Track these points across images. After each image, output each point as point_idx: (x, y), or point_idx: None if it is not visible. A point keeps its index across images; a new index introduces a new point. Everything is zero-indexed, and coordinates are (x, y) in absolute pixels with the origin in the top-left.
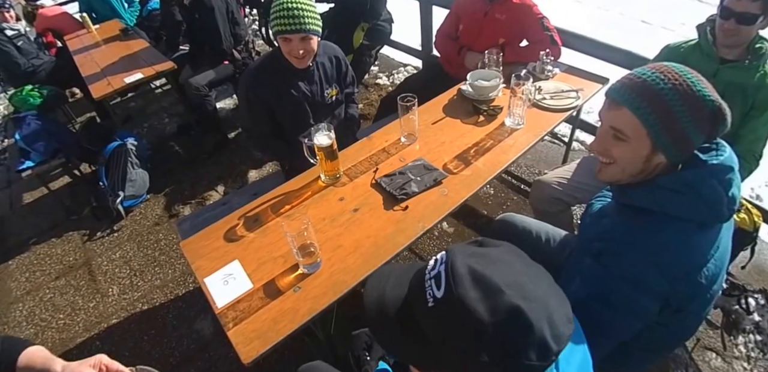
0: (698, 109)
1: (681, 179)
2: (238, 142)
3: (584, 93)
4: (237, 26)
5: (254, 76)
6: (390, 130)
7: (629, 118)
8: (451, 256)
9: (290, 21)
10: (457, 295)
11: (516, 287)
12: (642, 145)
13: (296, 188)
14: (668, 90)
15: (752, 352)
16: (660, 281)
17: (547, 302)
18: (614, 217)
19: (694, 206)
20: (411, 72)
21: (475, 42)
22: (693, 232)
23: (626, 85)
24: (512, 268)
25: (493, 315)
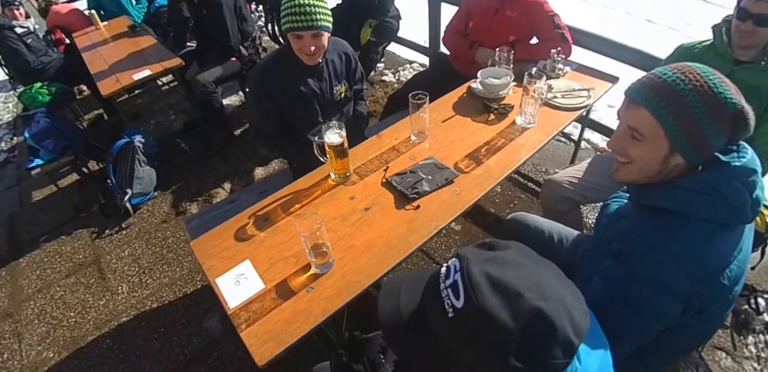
0: (719, 112)
1: (704, 181)
2: (245, 139)
3: (595, 92)
4: (245, 22)
5: (263, 74)
6: (400, 128)
7: (647, 118)
8: (465, 264)
9: (302, 18)
10: (478, 305)
11: (534, 289)
12: (660, 145)
13: (306, 187)
14: (688, 91)
15: (762, 353)
16: (683, 283)
17: (563, 299)
18: (633, 218)
19: (717, 208)
20: (417, 69)
21: (485, 39)
22: (715, 233)
23: (646, 84)
24: (525, 269)
25: (517, 320)
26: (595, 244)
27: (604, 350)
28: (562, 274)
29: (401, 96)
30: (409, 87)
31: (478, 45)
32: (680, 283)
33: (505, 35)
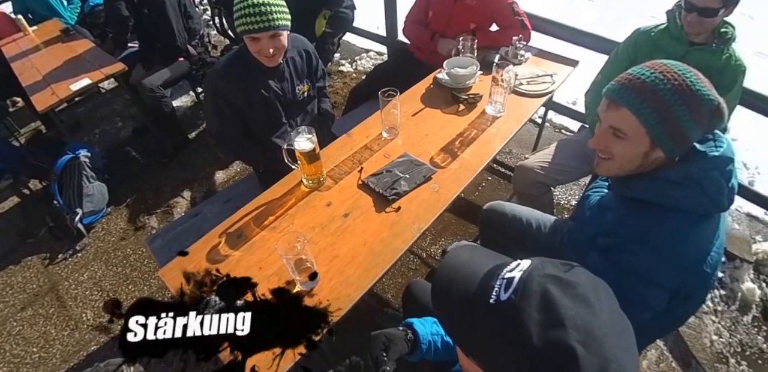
0: (697, 108)
1: (685, 172)
2: (200, 142)
3: (558, 77)
4: (191, 20)
5: (220, 77)
6: (370, 124)
7: (629, 118)
8: (532, 270)
9: (258, 19)
10: (518, 306)
11: (581, 330)
12: (641, 142)
13: (278, 196)
14: (668, 90)
15: (718, 306)
16: (671, 274)
17: (608, 359)
18: (617, 211)
19: (697, 198)
20: (375, 58)
21: (446, 28)
22: (696, 223)
23: (626, 85)
24: (589, 310)
25: (544, 344)
26: (580, 236)
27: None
28: (633, 343)
29: (364, 89)
30: (371, 79)
31: (440, 36)
32: (668, 275)
33: (466, 23)
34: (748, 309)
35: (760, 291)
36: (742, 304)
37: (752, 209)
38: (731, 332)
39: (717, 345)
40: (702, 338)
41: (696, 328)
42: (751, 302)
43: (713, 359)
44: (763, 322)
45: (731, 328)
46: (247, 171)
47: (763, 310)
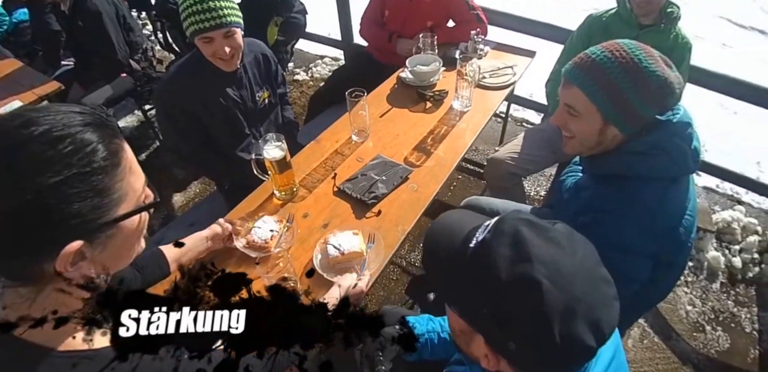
0: (644, 84)
1: (648, 142)
2: (152, 164)
3: (518, 68)
4: (131, 32)
5: (173, 86)
6: (338, 129)
7: (579, 95)
8: (507, 214)
9: (208, 16)
10: (489, 244)
11: (551, 269)
12: (594, 119)
13: (249, 211)
14: (615, 68)
15: (688, 278)
16: (648, 242)
17: (576, 299)
18: (592, 189)
19: (664, 165)
20: (330, 64)
21: (403, 27)
22: (666, 189)
23: (577, 64)
24: (560, 250)
25: (510, 278)
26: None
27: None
28: (608, 289)
29: (324, 95)
30: (331, 84)
31: (398, 36)
32: (646, 243)
33: (423, 21)
34: (715, 277)
35: (724, 258)
36: (709, 272)
37: (707, 182)
38: (703, 301)
39: (692, 315)
40: (678, 310)
41: (671, 302)
42: (717, 270)
43: (691, 329)
44: (731, 287)
45: (703, 296)
46: (207, 191)
47: (729, 276)
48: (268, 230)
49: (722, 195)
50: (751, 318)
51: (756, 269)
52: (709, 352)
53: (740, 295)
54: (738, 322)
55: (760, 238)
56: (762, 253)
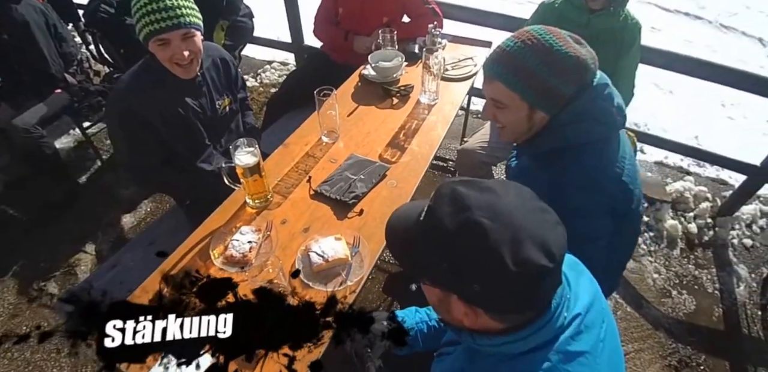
0: (560, 65)
1: (573, 111)
2: (95, 185)
3: (478, 59)
4: (64, 43)
5: (128, 96)
6: (306, 131)
7: (502, 88)
8: (444, 182)
9: (164, 15)
10: (433, 208)
11: (485, 209)
12: (519, 108)
13: (222, 223)
14: (528, 55)
15: (651, 247)
16: (602, 199)
17: (520, 227)
18: (535, 169)
19: (594, 128)
20: (279, 68)
21: (358, 25)
22: (602, 148)
23: (494, 59)
24: (494, 195)
25: (455, 226)
26: None
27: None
28: (552, 219)
29: (282, 99)
30: (288, 88)
31: (353, 34)
32: (600, 202)
33: (378, 18)
34: (675, 244)
35: (680, 225)
36: (669, 240)
37: (656, 156)
38: (667, 267)
39: (659, 282)
40: (645, 279)
41: (638, 272)
42: (675, 237)
43: (659, 295)
44: (690, 252)
45: (666, 263)
46: (160, 209)
47: (687, 242)
48: (246, 242)
49: (672, 167)
50: (711, 279)
51: (710, 233)
52: (677, 315)
53: (699, 258)
54: (700, 284)
55: (710, 204)
56: (714, 217)
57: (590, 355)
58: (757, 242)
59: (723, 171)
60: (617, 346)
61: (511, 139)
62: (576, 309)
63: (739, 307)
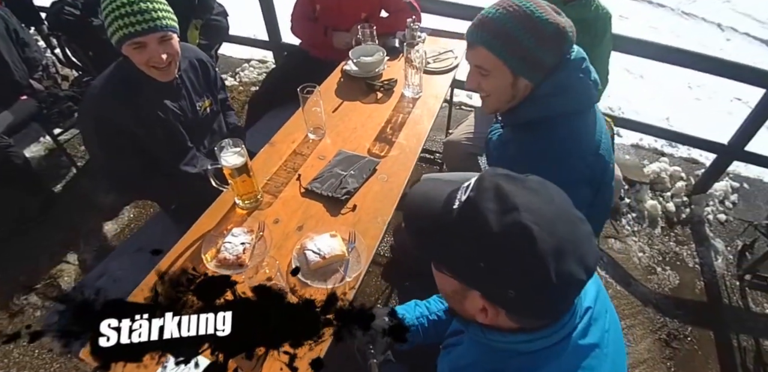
0: (541, 32)
1: (553, 83)
2: (71, 193)
3: (458, 51)
4: (27, 48)
5: (103, 100)
6: (291, 129)
7: (486, 54)
8: (485, 171)
9: (139, 18)
10: (475, 201)
11: (536, 214)
12: (503, 74)
13: (212, 226)
14: (510, 21)
15: (634, 228)
16: (582, 169)
17: (561, 238)
18: (516, 140)
19: (573, 99)
20: (257, 67)
21: (337, 21)
22: (580, 120)
23: (477, 26)
24: (538, 197)
25: (502, 228)
26: None
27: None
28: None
29: (263, 97)
30: (268, 86)
31: (332, 30)
32: (581, 171)
33: (357, 13)
34: (656, 223)
35: (660, 205)
36: (650, 219)
37: (632, 139)
38: (650, 246)
39: (644, 260)
40: (631, 258)
41: (624, 252)
42: (656, 216)
43: (645, 273)
44: (670, 230)
45: (649, 242)
46: (144, 215)
47: (667, 220)
48: (239, 244)
49: (647, 149)
50: (691, 254)
51: (687, 210)
52: (663, 290)
53: (679, 235)
54: (682, 260)
55: (685, 183)
56: (689, 195)
57: (598, 348)
58: (731, 217)
59: (694, 150)
60: (619, 334)
61: (494, 110)
62: (586, 302)
63: (718, 279)
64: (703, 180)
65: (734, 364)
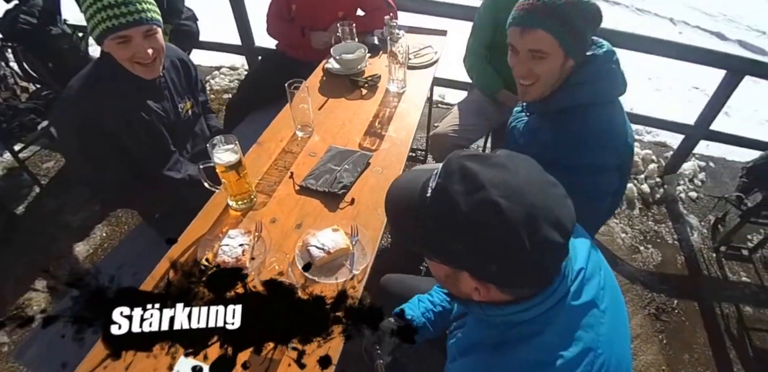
0: (587, 13)
1: (588, 72)
2: (36, 215)
3: (436, 47)
4: None
5: (82, 106)
6: (278, 127)
7: (544, 36)
8: (450, 155)
9: (124, 10)
10: (443, 186)
11: (501, 187)
12: (557, 56)
13: (205, 231)
14: (563, 4)
15: (615, 210)
16: (613, 157)
17: (532, 205)
18: (546, 127)
19: (605, 89)
20: (229, 74)
21: (314, 20)
22: (610, 108)
23: (531, 10)
24: (506, 171)
25: (470, 207)
26: None
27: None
28: (559, 192)
29: (240, 102)
30: (247, 89)
31: (309, 30)
32: (612, 158)
33: (334, 12)
34: (633, 204)
35: (635, 187)
36: (628, 202)
37: None
38: (631, 227)
39: (627, 240)
40: (615, 239)
41: (608, 234)
42: (633, 198)
43: (629, 252)
44: (647, 210)
45: (630, 223)
46: (117, 232)
47: (643, 201)
48: (237, 245)
49: None
50: (669, 231)
51: (660, 191)
52: (648, 268)
53: (656, 214)
54: (661, 237)
55: (657, 165)
56: (661, 176)
57: (595, 306)
58: (701, 194)
59: (662, 134)
60: (617, 289)
61: (539, 96)
62: (578, 264)
63: (696, 252)
64: (672, 161)
65: (720, 331)
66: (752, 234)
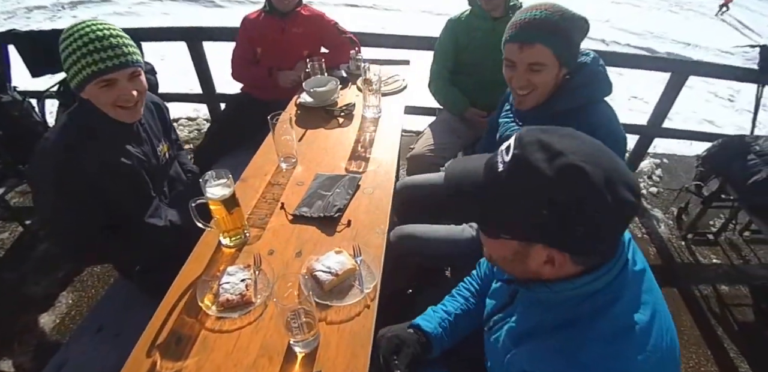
0: (578, 26)
1: (585, 74)
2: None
3: (403, 75)
4: None
5: (59, 154)
6: (260, 162)
7: (543, 50)
8: (521, 132)
9: (110, 54)
10: (522, 155)
11: (579, 153)
12: (554, 66)
13: (200, 272)
14: (556, 18)
15: None
16: (620, 150)
17: (607, 169)
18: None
19: (600, 88)
20: (188, 124)
21: (280, 61)
22: (608, 107)
23: (528, 26)
24: (579, 140)
25: (555, 171)
26: None
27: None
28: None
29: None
30: (214, 134)
31: (276, 70)
32: (620, 153)
33: (299, 52)
34: None
35: None
36: None
37: None
38: None
39: None
40: None
41: None
42: None
43: None
44: None
45: None
46: (85, 299)
47: None
48: (239, 281)
49: None
50: (638, 226)
51: None
52: None
53: None
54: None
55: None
56: None
57: (647, 270)
58: (661, 188)
59: None
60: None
61: (535, 103)
62: (627, 233)
63: (666, 243)
64: (630, 160)
65: (702, 312)
66: (713, 219)
